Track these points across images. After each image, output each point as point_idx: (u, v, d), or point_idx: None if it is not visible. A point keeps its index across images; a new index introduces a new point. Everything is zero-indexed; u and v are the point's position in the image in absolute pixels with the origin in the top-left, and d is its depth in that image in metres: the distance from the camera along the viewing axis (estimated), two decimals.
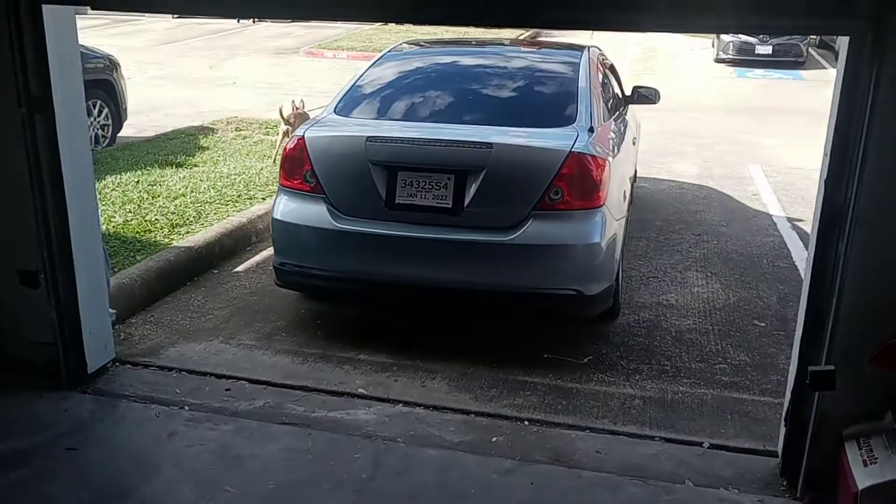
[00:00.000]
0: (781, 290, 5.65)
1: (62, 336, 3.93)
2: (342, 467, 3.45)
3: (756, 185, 8.66)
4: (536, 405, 4.08)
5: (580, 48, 5.76)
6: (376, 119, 4.98)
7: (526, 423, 3.90)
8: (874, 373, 3.10)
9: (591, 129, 4.66)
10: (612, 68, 6.48)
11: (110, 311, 4.42)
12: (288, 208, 4.67)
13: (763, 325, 5.10)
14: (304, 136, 4.66)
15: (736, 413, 4.06)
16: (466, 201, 4.36)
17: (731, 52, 18.03)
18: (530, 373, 4.39)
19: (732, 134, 11.38)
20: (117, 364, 4.29)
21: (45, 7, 3.53)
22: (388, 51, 5.85)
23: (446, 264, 4.43)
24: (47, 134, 3.69)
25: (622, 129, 5.81)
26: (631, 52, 19.62)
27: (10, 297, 3.90)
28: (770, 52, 17.61)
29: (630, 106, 6.83)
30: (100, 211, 5.98)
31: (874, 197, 2.97)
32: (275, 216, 4.70)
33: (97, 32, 22.08)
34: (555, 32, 19.03)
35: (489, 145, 4.38)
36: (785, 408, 3.46)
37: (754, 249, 6.53)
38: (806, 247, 6.56)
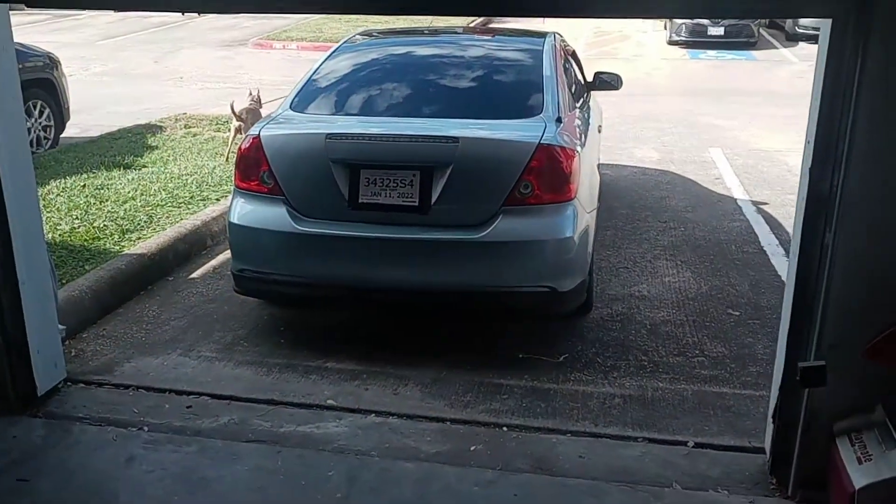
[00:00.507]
0: (752, 277, 5.58)
1: (8, 357, 3.67)
2: (315, 487, 3.27)
3: (718, 168, 8.62)
4: (514, 409, 3.92)
5: (542, 35, 5.60)
6: (335, 115, 4.76)
7: (504, 428, 3.74)
8: (864, 365, 3.00)
9: (559, 120, 4.50)
10: (574, 55, 6.34)
11: (59, 326, 4.16)
12: (245, 211, 4.44)
13: (737, 314, 5.01)
14: (259, 134, 4.43)
15: (718, 408, 3.95)
16: (433, 198, 4.18)
17: (683, 34, 18.06)
18: (506, 374, 4.24)
19: (690, 117, 11.35)
20: (69, 384, 4.04)
21: None
22: (344, 42, 5.63)
23: (414, 265, 4.25)
24: None
25: (587, 117, 5.68)
26: (584, 36, 19.55)
27: None
28: (722, 33, 17.67)
29: (592, 92, 6.71)
30: (44, 220, 5.69)
31: (863, 184, 2.85)
32: (231, 220, 4.47)
33: (36, 28, 21.38)
34: (506, 19, 18.91)
35: (455, 139, 4.20)
36: (772, 404, 3.35)
37: (722, 235, 6.46)
38: (773, 230, 6.54)
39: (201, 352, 4.47)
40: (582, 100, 5.77)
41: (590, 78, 6.69)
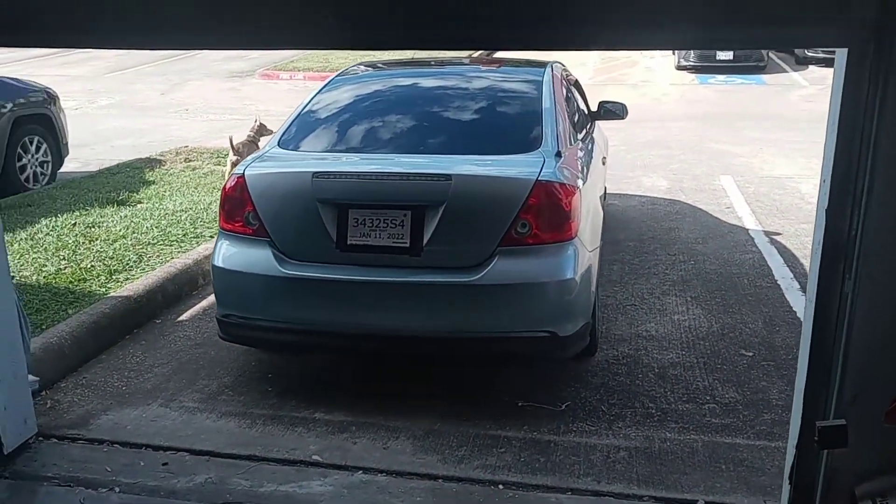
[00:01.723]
0: (766, 314, 5.31)
1: None
2: None
3: (729, 197, 8.37)
4: (511, 464, 3.67)
5: (542, 64, 5.40)
6: (325, 151, 4.56)
7: (500, 486, 3.49)
8: (889, 425, 2.74)
9: (559, 154, 4.28)
10: (577, 84, 6.13)
11: (31, 378, 3.96)
12: (229, 254, 4.23)
13: (750, 354, 4.75)
14: (244, 173, 4.23)
15: (730, 462, 3.68)
16: (425, 239, 3.95)
17: (692, 59, 17.90)
18: (503, 425, 3.98)
19: (700, 143, 11.12)
20: (41, 439, 3.82)
21: None
22: (338, 75, 5.45)
23: (406, 309, 4.02)
24: None
25: (590, 148, 5.46)
26: (592, 62, 19.41)
27: None
28: (731, 57, 17.47)
29: (597, 122, 6.50)
30: (29, 260, 5.52)
31: (884, 228, 2.61)
32: (215, 263, 4.26)
33: (45, 62, 21.51)
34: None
35: (447, 177, 3.99)
36: (788, 463, 3.08)
37: (734, 268, 6.20)
38: (786, 262, 6.28)
39: (183, 402, 4.24)
40: (585, 131, 5.56)
41: (594, 107, 6.47)
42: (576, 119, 5.36)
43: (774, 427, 3.93)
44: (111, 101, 15.63)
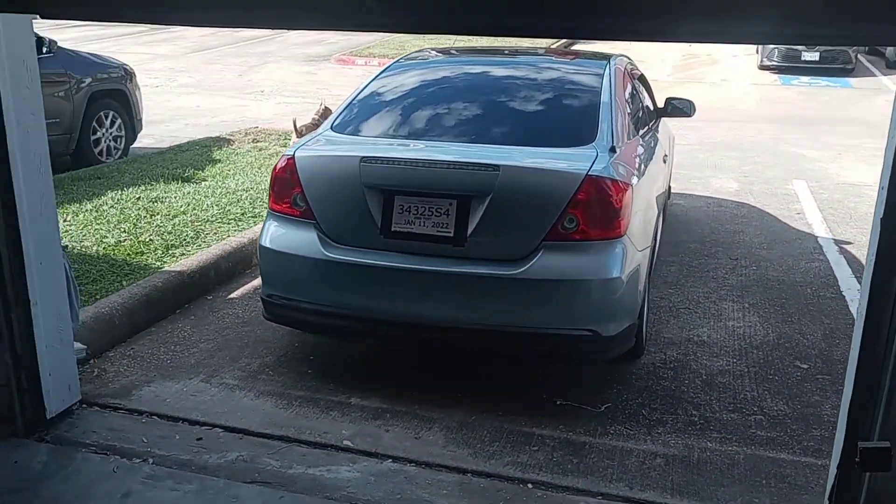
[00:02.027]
0: (827, 326, 5.10)
1: (17, 379, 3.56)
2: None
3: (801, 202, 8.07)
4: (543, 463, 3.59)
5: (606, 57, 5.27)
6: (376, 136, 4.53)
7: (529, 485, 3.42)
8: None
9: (613, 149, 4.16)
10: (643, 79, 5.97)
11: (79, 346, 4.06)
12: (276, 234, 4.25)
13: (806, 367, 4.56)
14: (294, 155, 4.24)
15: (772, 477, 3.53)
16: (470, 230, 3.90)
17: (775, 59, 17.33)
18: (539, 423, 3.91)
19: (776, 146, 10.76)
20: (84, 406, 3.91)
21: None
22: (396, 61, 5.42)
23: (447, 299, 3.97)
24: None
25: (651, 145, 5.30)
26: (671, 59, 18.99)
27: None
28: (817, 58, 16.88)
29: (663, 119, 6.32)
30: (91, 232, 5.66)
31: None
32: (262, 243, 4.29)
33: (133, 40, 22.12)
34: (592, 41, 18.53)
35: (495, 167, 3.92)
36: (829, 483, 2.94)
37: (797, 276, 5.97)
38: (855, 273, 6.01)
39: (224, 379, 4.29)
40: (647, 127, 5.40)
41: (661, 104, 6.30)
42: (638, 115, 5.22)
43: (823, 444, 3.76)
44: (190, 80, 15.97)
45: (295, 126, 7.71)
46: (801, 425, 3.95)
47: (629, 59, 5.75)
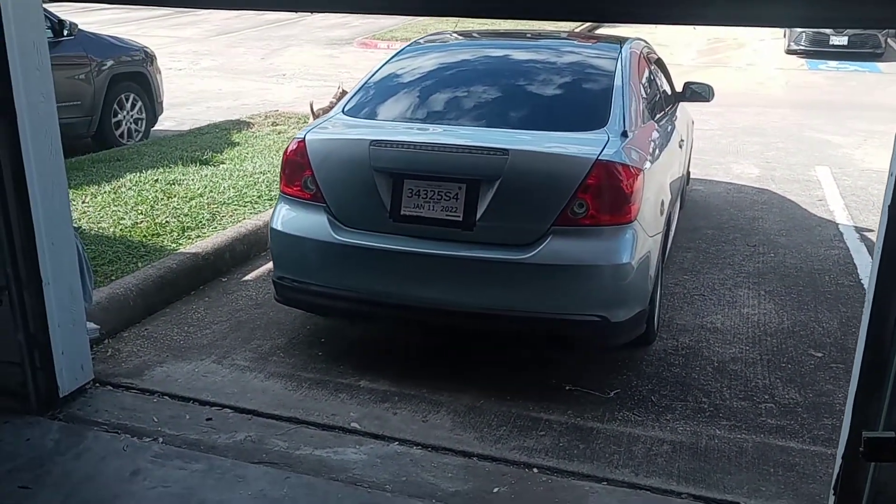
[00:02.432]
0: (843, 314, 5.03)
1: (30, 357, 3.61)
2: None
3: (823, 188, 7.96)
4: (549, 448, 3.59)
5: (622, 41, 5.21)
6: (386, 120, 4.53)
7: (535, 470, 3.42)
8: None
9: (625, 134, 4.13)
10: (660, 62, 5.91)
11: (92, 326, 4.11)
12: (287, 218, 4.27)
13: (820, 355, 4.51)
14: (304, 138, 4.25)
15: (780, 466, 3.51)
16: (479, 214, 3.89)
17: (803, 43, 17.05)
18: (547, 408, 3.91)
19: (799, 131, 10.62)
20: (97, 385, 3.97)
21: None
22: (409, 44, 5.40)
23: (455, 283, 3.97)
24: (9, 138, 3.36)
25: (668, 130, 5.26)
26: (697, 43, 18.77)
27: None
28: (845, 42, 16.59)
29: (682, 104, 6.26)
30: (108, 213, 5.72)
31: None
32: (273, 226, 4.31)
33: (158, 23, 22.23)
34: (617, 24, 18.32)
35: (505, 151, 3.90)
36: (834, 473, 2.91)
37: (815, 264, 5.90)
38: None
39: (235, 360, 4.33)
40: (663, 111, 5.35)
41: (679, 88, 6.23)
42: (653, 99, 5.17)
43: (834, 433, 3.72)
44: (213, 64, 16.04)
45: (312, 109, 7.73)
46: (812, 414, 3.92)
47: (646, 42, 5.69)
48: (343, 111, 4.59)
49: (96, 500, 3.18)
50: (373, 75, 4.88)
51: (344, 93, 8.00)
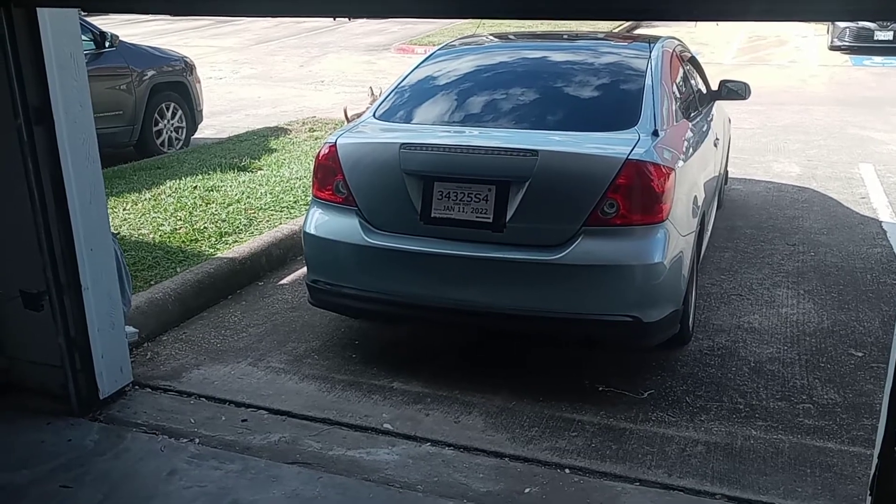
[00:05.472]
0: (885, 313, 4.93)
1: (70, 360, 3.70)
2: None
3: (866, 186, 7.81)
4: (581, 449, 3.58)
5: (653, 40, 5.18)
6: (416, 123, 4.55)
7: (567, 471, 3.41)
8: None
9: (656, 133, 4.10)
10: (694, 61, 5.86)
11: (131, 330, 4.20)
12: (319, 221, 4.31)
13: (860, 355, 4.43)
14: (336, 142, 4.30)
15: (817, 467, 3.45)
16: (509, 215, 3.90)
17: (847, 39, 16.76)
18: (579, 409, 3.89)
19: (843, 128, 10.43)
20: (136, 387, 4.05)
21: (40, 10, 3.28)
22: (440, 47, 5.43)
23: (486, 285, 3.98)
24: (48, 146, 3.45)
25: (703, 129, 5.21)
26: (737, 41, 18.54)
27: (16, 319, 3.70)
28: (891, 37, 16.27)
29: (718, 103, 6.20)
30: (147, 220, 5.83)
31: None
32: (306, 230, 4.36)
33: (198, 33, 22.61)
34: (656, 23, 18.17)
35: (534, 153, 3.90)
36: (871, 473, 2.86)
37: (857, 263, 5.79)
38: None
39: (270, 362, 4.38)
40: (697, 110, 5.30)
41: (715, 86, 6.17)
42: (687, 98, 5.13)
43: (873, 434, 3.62)
44: (253, 72, 16.27)
45: (346, 114, 7.80)
46: (851, 414, 3.85)
47: (679, 41, 5.65)
48: (374, 115, 4.63)
49: (134, 500, 3.25)
50: (403, 80, 4.92)
51: (373, 93, 8.07)
